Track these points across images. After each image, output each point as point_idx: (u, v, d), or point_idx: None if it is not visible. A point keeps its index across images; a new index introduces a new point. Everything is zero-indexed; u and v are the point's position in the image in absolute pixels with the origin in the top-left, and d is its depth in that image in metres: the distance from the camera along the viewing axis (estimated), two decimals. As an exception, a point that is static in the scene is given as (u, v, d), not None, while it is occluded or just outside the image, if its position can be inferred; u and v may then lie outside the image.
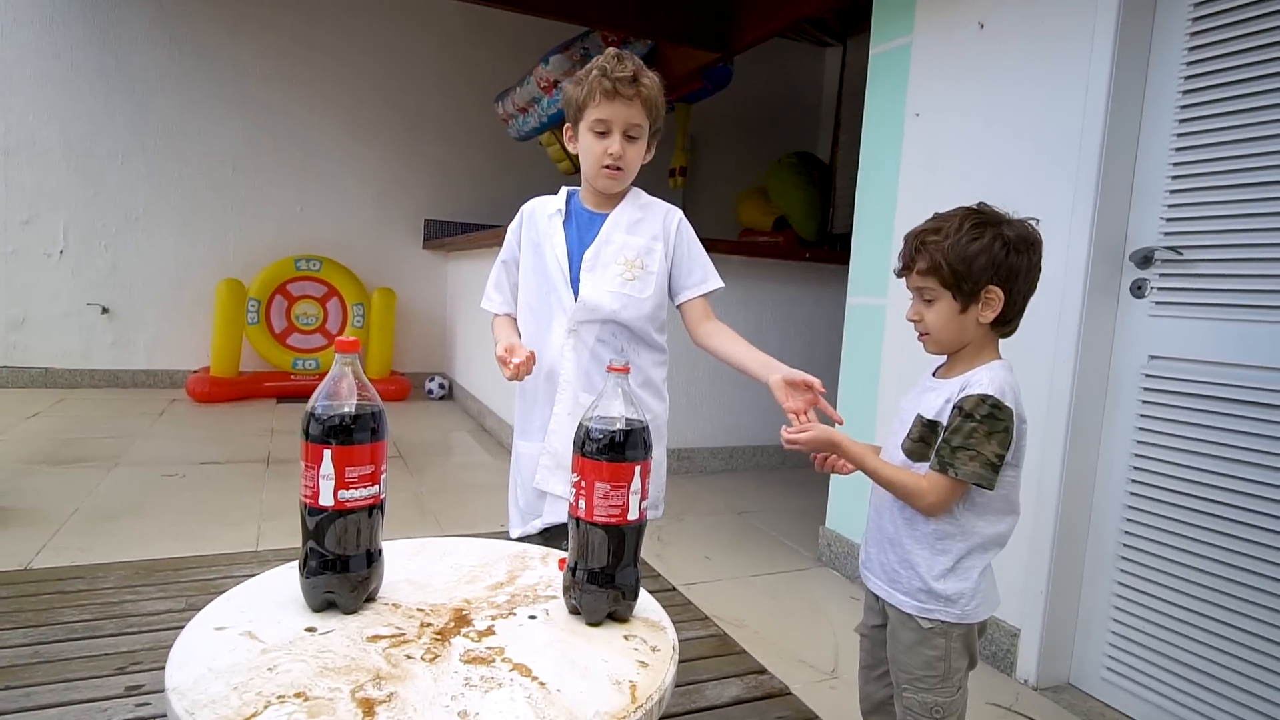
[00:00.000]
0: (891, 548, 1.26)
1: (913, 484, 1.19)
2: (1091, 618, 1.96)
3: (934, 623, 1.21)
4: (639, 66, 1.48)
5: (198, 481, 3.25)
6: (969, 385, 1.18)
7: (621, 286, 1.54)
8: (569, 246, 1.56)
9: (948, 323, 1.21)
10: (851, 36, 5.93)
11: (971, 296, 1.19)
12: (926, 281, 1.21)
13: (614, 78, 1.44)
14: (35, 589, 2.11)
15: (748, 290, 3.98)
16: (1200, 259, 1.75)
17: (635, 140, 1.51)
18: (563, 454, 1.55)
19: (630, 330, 1.57)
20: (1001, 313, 1.20)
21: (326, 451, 0.94)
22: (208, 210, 5.32)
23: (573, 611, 1.02)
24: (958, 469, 1.14)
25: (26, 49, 4.82)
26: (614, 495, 0.98)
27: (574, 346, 1.55)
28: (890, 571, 1.26)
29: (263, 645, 0.89)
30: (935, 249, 1.19)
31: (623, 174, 1.52)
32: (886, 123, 2.53)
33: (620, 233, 1.56)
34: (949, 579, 1.20)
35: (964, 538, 1.20)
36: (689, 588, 2.47)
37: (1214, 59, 1.72)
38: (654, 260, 1.57)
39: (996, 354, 1.25)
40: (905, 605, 1.24)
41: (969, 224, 1.18)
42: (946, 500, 1.18)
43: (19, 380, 4.93)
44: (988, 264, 1.17)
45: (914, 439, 1.23)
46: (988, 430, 1.14)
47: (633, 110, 1.47)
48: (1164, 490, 1.80)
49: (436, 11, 5.54)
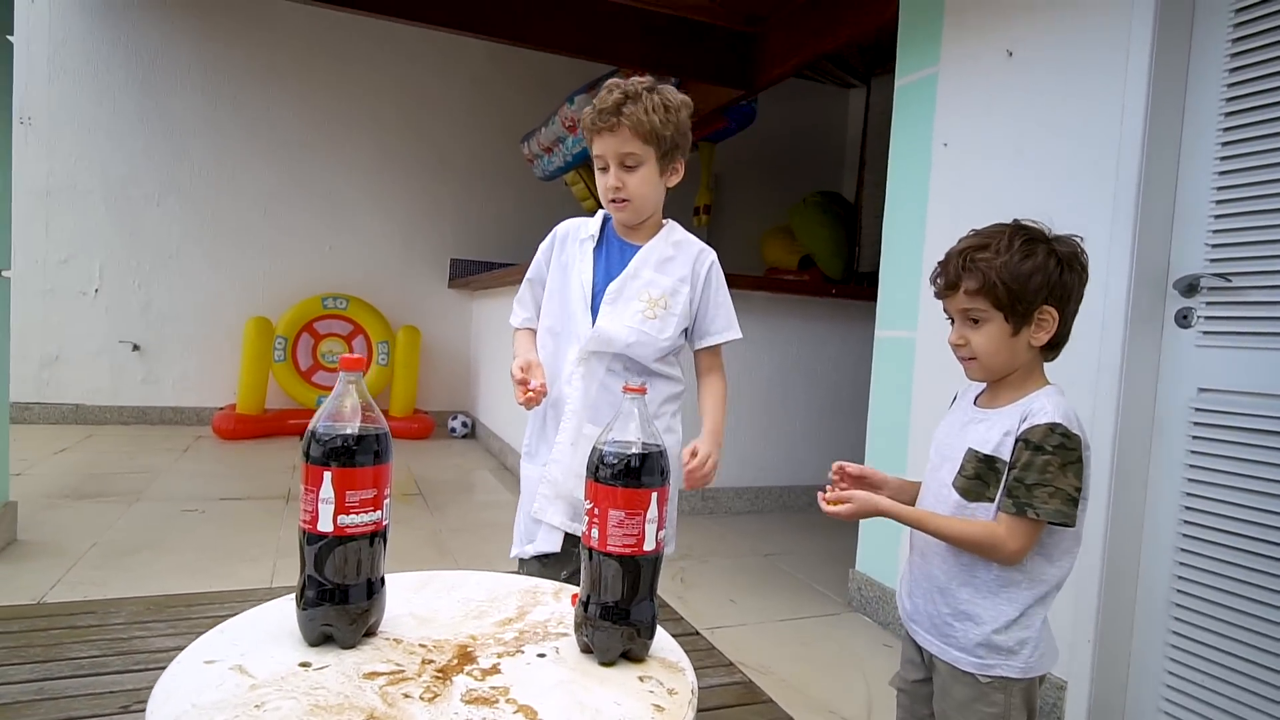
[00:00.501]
0: (942, 598, 1.15)
1: (986, 536, 1.07)
2: (1144, 669, 1.82)
3: (993, 678, 1.10)
4: (630, 93, 1.41)
5: (217, 517, 3.22)
6: (1031, 414, 1.09)
7: (641, 324, 1.48)
8: (595, 274, 1.52)
9: (999, 347, 1.12)
10: (875, 77, 5.94)
11: (1025, 318, 1.11)
12: (976, 302, 1.11)
13: (596, 110, 1.41)
14: (46, 624, 2.07)
15: (773, 328, 3.92)
16: (1250, 285, 1.67)
17: (634, 169, 1.43)
18: (561, 483, 1.51)
19: (643, 365, 1.52)
20: (1054, 335, 1.12)
21: (327, 474, 0.89)
22: (238, 250, 5.41)
23: (584, 650, 0.96)
24: (1038, 509, 1.04)
25: (72, 96, 4.99)
26: (629, 524, 0.92)
27: (583, 375, 1.50)
28: (940, 624, 1.15)
29: (252, 680, 0.83)
30: (987, 267, 1.10)
31: (630, 204, 1.46)
32: (914, 154, 2.49)
33: (649, 269, 1.51)
34: (1012, 630, 1.10)
35: (1030, 585, 1.10)
36: (712, 632, 2.37)
37: (1257, 79, 1.66)
38: (678, 303, 1.51)
39: (1045, 379, 1.16)
40: (961, 662, 1.12)
41: (1019, 240, 1.10)
42: (1028, 545, 1.07)
43: (50, 416, 5.00)
44: (1043, 283, 1.09)
45: (968, 476, 1.13)
46: (1062, 462, 1.05)
47: (620, 139, 1.41)
48: (1218, 531, 1.69)
49: (463, 53, 5.66)
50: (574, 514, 1.51)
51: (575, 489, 1.48)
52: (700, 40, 3.71)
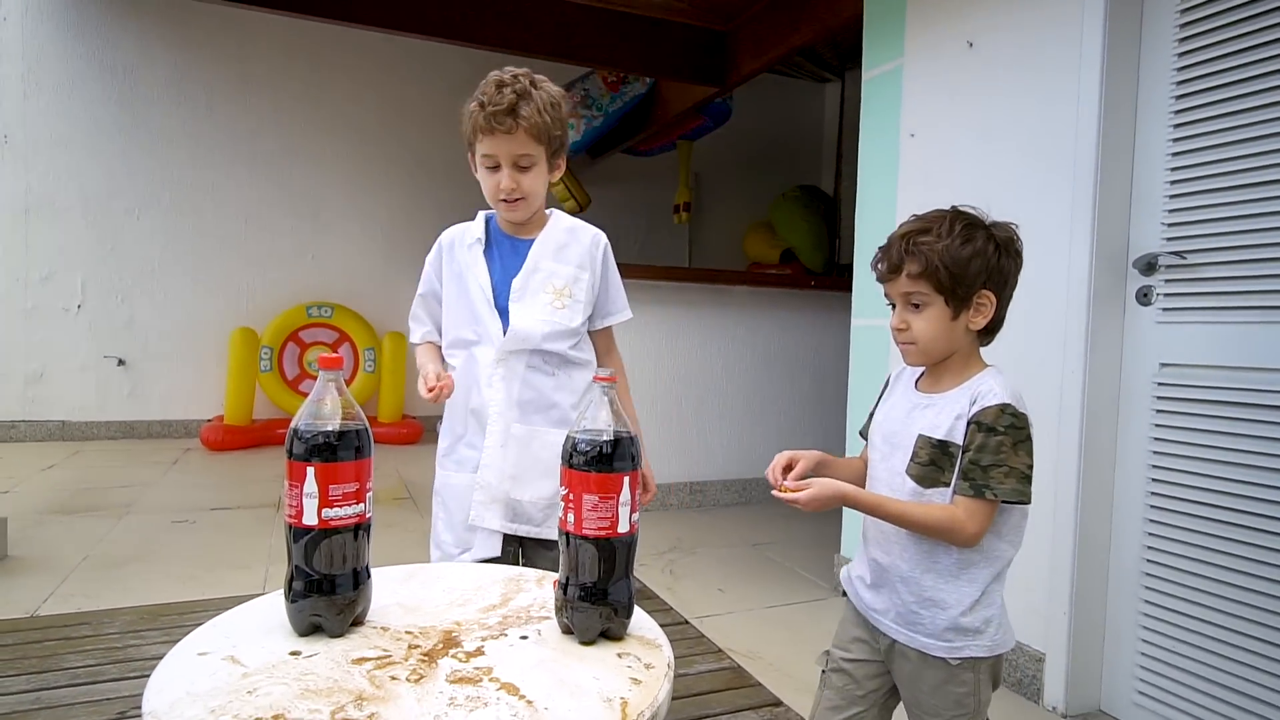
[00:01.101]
0: (906, 587, 1.16)
1: (947, 519, 1.08)
2: (1119, 638, 1.88)
3: (962, 659, 1.13)
4: (521, 91, 1.39)
5: (208, 527, 3.24)
6: (980, 396, 1.11)
7: (552, 315, 1.49)
8: (492, 275, 1.50)
9: (939, 331, 1.13)
10: (849, 70, 6.01)
11: (964, 302, 1.12)
12: (918, 286, 1.12)
13: (489, 112, 1.38)
14: (40, 635, 2.09)
15: (755, 320, 3.97)
16: (1205, 263, 1.73)
17: (528, 169, 1.43)
18: (496, 487, 1.49)
19: (559, 356, 1.51)
20: (991, 319, 1.15)
21: (310, 469, 0.92)
22: (221, 261, 5.41)
23: (565, 631, 0.99)
24: (995, 490, 1.06)
25: (48, 112, 4.97)
26: (603, 507, 0.95)
27: (504, 377, 1.48)
28: (907, 613, 1.16)
29: (244, 669, 0.86)
30: (929, 250, 1.11)
31: (524, 203, 1.47)
32: (882, 144, 2.54)
33: (548, 260, 1.51)
34: (977, 610, 1.12)
35: (987, 564, 1.13)
36: (702, 621, 2.41)
37: (1204, 62, 1.72)
38: (581, 289, 1.52)
39: (983, 362, 1.19)
40: (931, 648, 1.14)
41: (959, 225, 1.12)
42: (985, 526, 1.08)
43: (36, 434, 4.98)
44: (982, 267, 1.11)
45: (923, 463, 1.13)
46: (1014, 441, 1.08)
47: (515, 141, 1.40)
48: (1184, 501, 1.75)
49: (441, 60, 5.66)
50: (511, 515, 1.50)
51: (511, 490, 1.49)
52: (673, 39, 3.76)
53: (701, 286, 3.88)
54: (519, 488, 1.50)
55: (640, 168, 6.32)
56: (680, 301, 3.82)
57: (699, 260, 6.65)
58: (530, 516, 1.51)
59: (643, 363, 3.70)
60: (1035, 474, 1.11)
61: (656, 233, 6.60)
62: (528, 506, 1.51)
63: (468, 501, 1.51)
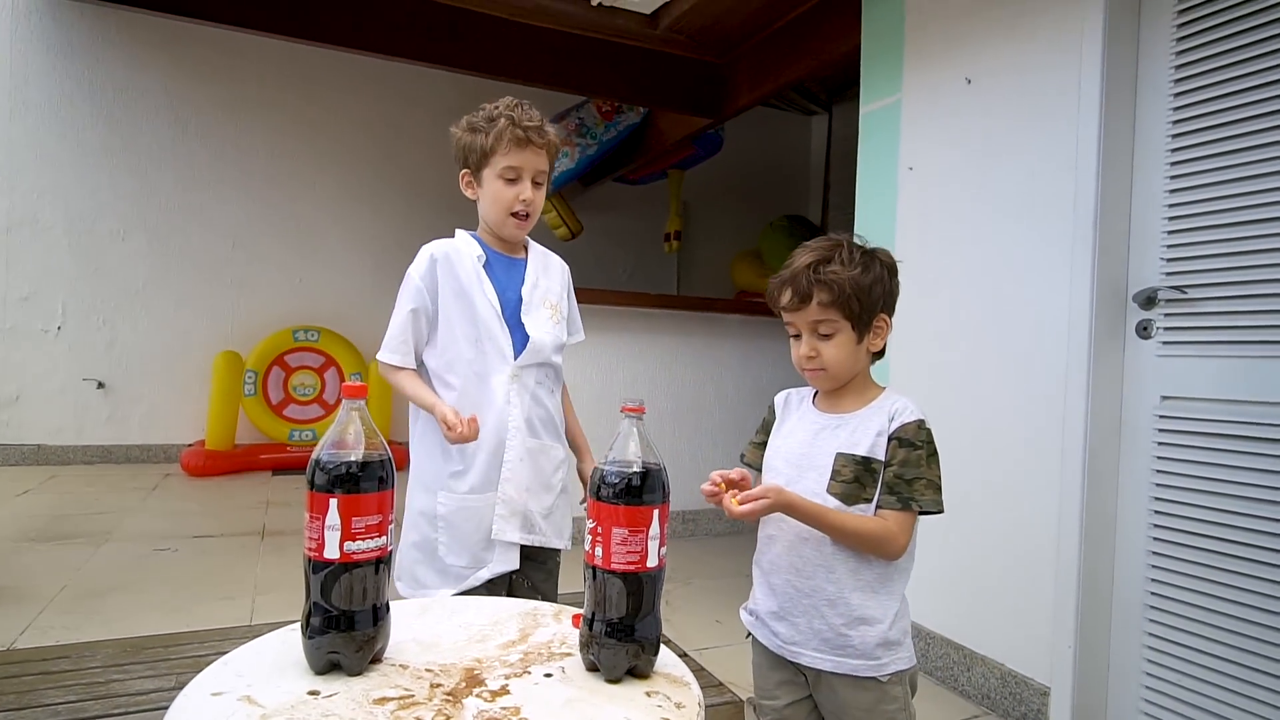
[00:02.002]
0: (831, 609, 1.15)
1: (882, 530, 1.11)
2: (1124, 671, 1.88)
3: (890, 675, 1.15)
4: (538, 116, 1.50)
5: (190, 556, 3.15)
6: (897, 413, 1.15)
7: (554, 328, 1.57)
8: (499, 291, 1.53)
9: (847, 355, 1.18)
10: (836, 104, 6.11)
11: (867, 327, 1.18)
12: (828, 314, 1.15)
13: (525, 126, 1.46)
14: (19, 670, 2.01)
15: (746, 349, 3.98)
16: (1205, 297, 1.75)
17: (540, 186, 1.51)
18: (517, 500, 1.53)
19: (555, 369, 1.60)
20: (885, 341, 1.21)
21: (332, 501, 0.90)
22: (207, 284, 5.34)
23: (590, 668, 0.97)
24: (919, 501, 1.11)
25: (35, 130, 4.92)
26: (632, 541, 0.94)
27: (518, 392, 1.52)
28: (833, 638, 1.15)
29: (262, 710, 0.83)
30: (836, 279, 1.14)
31: (529, 221, 1.54)
32: (880, 179, 2.57)
33: (544, 278, 1.60)
34: (899, 621, 1.16)
35: (900, 574, 1.17)
36: (700, 653, 2.38)
37: (1200, 103, 1.76)
38: (564, 306, 1.64)
39: (876, 383, 1.24)
40: (861, 669, 1.14)
41: (857, 254, 1.17)
42: (910, 537, 1.13)
43: (10, 458, 4.85)
44: (881, 293, 1.17)
45: (847, 480, 1.14)
46: (928, 454, 1.13)
47: (540, 158, 1.49)
48: (1188, 534, 1.75)
49: (432, 87, 5.67)
50: (526, 525, 1.55)
51: (528, 501, 1.54)
52: (670, 71, 3.80)
53: (695, 315, 3.89)
54: (533, 499, 1.56)
55: (631, 196, 6.36)
56: (674, 330, 3.82)
57: (687, 288, 6.68)
58: (537, 526, 1.57)
59: (635, 390, 3.69)
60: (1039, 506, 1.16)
61: (645, 260, 6.62)
62: (536, 517, 1.56)
63: (480, 520, 1.52)
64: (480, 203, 1.56)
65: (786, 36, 3.35)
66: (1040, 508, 1.98)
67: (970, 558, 2.19)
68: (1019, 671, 2.04)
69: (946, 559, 2.23)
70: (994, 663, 2.11)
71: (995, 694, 2.10)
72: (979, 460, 2.15)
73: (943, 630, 2.27)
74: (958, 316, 2.25)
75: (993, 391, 2.14)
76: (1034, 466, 2.01)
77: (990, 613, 2.14)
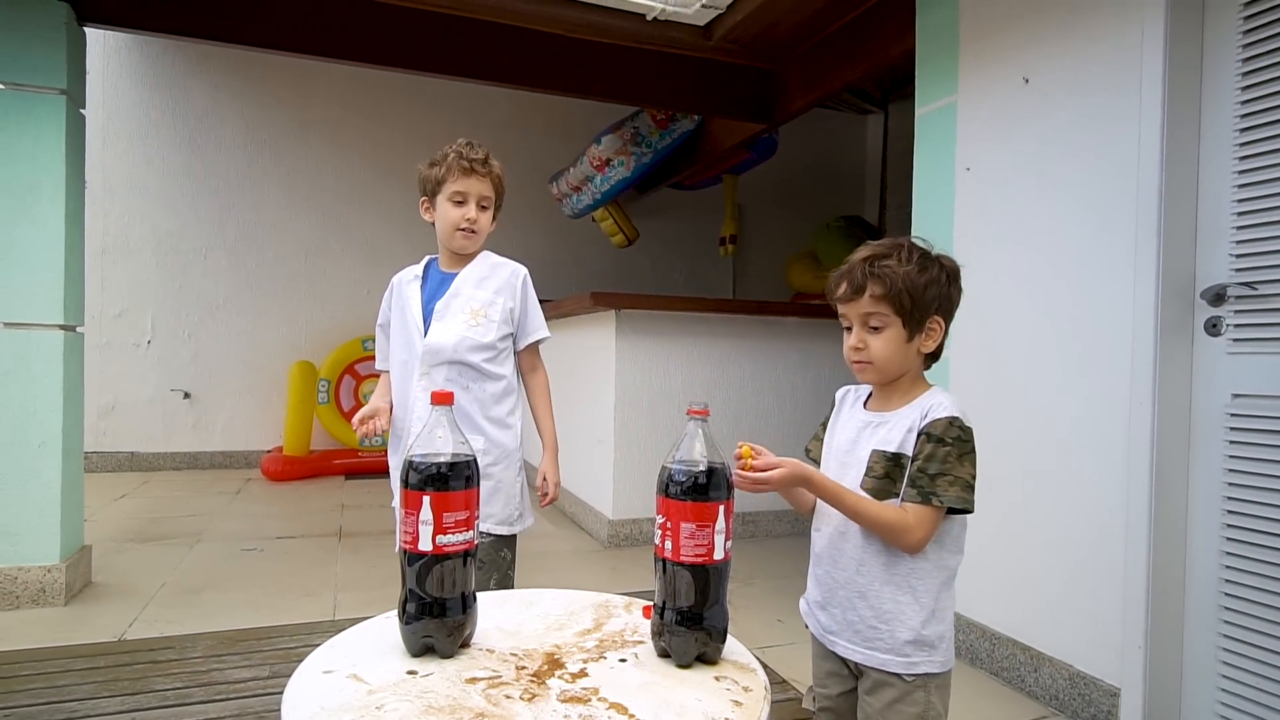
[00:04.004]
0: (863, 601, 1.17)
1: (898, 519, 1.11)
2: (1198, 672, 1.85)
3: (917, 676, 1.15)
4: (487, 151, 1.81)
5: (275, 556, 3.34)
6: (931, 410, 1.15)
7: (467, 330, 1.78)
8: (423, 303, 1.82)
9: (894, 352, 1.18)
10: (892, 102, 6.06)
11: (919, 326, 1.18)
12: (879, 307, 1.17)
13: (470, 159, 1.77)
14: (130, 659, 2.19)
15: (807, 352, 4.00)
16: (1276, 294, 1.72)
17: (485, 209, 1.82)
18: None
19: (473, 368, 1.78)
20: (938, 345, 1.21)
21: (425, 498, 0.99)
22: (282, 297, 5.62)
23: (662, 654, 1.03)
24: (941, 496, 1.10)
25: (124, 159, 5.27)
26: (699, 535, 1.00)
27: (425, 388, 1.75)
28: (864, 630, 1.18)
29: (368, 687, 0.92)
30: (891, 274, 1.16)
31: (476, 236, 1.81)
32: (937, 180, 2.57)
33: (469, 287, 1.82)
34: (933, 623, 1.15)
35: (936, 574, 1.16)
36: (764, 651, 2.42)
37: (1269, 95, 1.73)
38: (495, 311, 1.82)
39: (928, 384, 1.24)
40: (889, 664, 1.15)
41: (916, 254, 1.18)
42: (931, 533, 1.12)
43: (107, 464, 5.19)
44: (936, 294, 1.18)
45: (878, 476, 1.16)
46: (959, 453, 1.12)
47: (484, 185, 1.80)
48: (1262, 534, 1.72)
49: (488, 101, 5.87)
50: None
51: None
52: (723, 79, 3.85)
53: (751, 318, 3.92)
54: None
55: (686, 201, 6.43)
56: (730, 334, 3.87)
57: (743, 291, 6.70)
58: None
59: (694, 393, 3.74)
60: (1106, 505, 1.13)
61: (700, 264, 6.68)
62: None
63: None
64: (436, 224, 1.84)
65: (840, 40, 3.37)
66: (1108, 506, 1.96)
67: (1036, 557, 2.17)
68: (1088, 673, 2.02)
69: (1012, 559, 2.22)
70: (1062, 663, 2.10)
71: (1064, 695, 2.08)
72: (1043, 459, 2.13)
73: (1009, 631, 2.26)
74: (1019, 316, 2.24)
75: (1056, 390, 2.13)
76: (1100, 465, 1.99)
77: (1058, 613, 2.13)
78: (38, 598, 2.60)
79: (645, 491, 3.66)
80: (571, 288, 5.19)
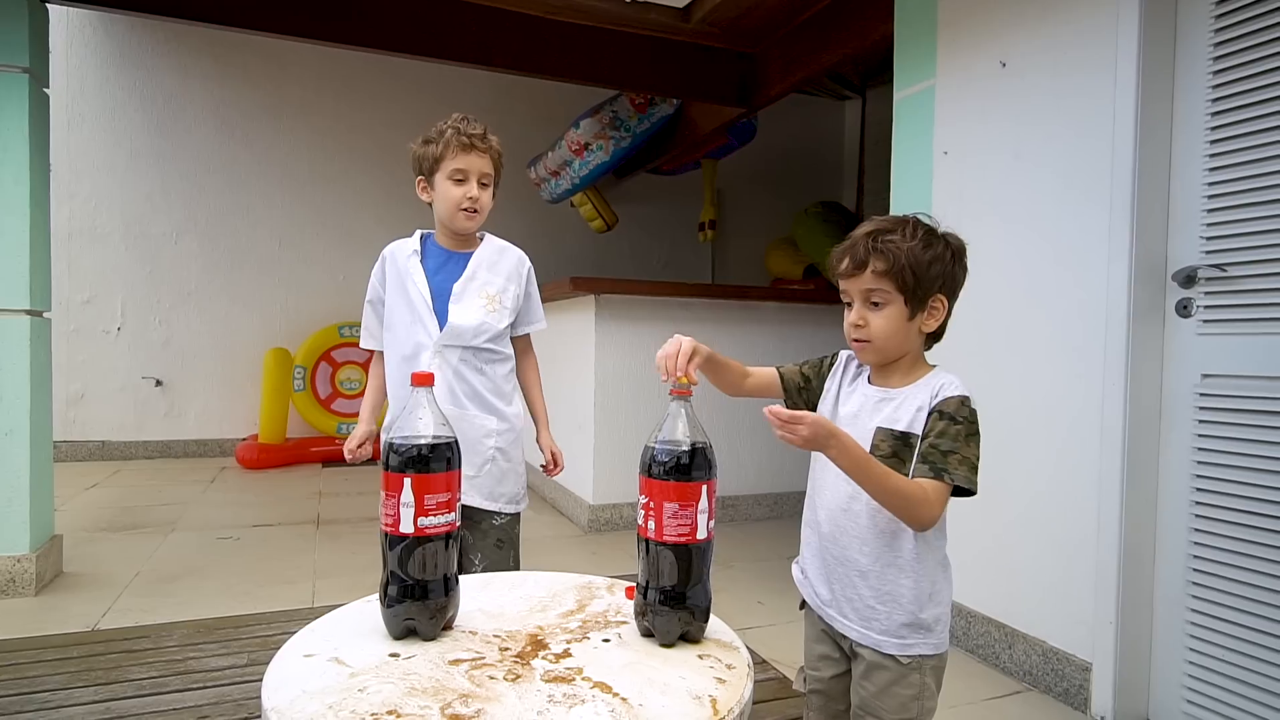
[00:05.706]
0: (863, 580, 1.16)
1: (919, 493, 1.05)
2: (1167, 647, 1.89)
3: (912, 658, 1.14)
4: (485, 126, 1.75)
5: (252, 544, 3.30)
6: (942, 388, 1.13)
7: (486, 316, 1.75)
8: (430, 282, 1.75)
9: (895, 330, 1.15)
10: (870, 88, 6.07)
11: (921, 304, 1.15)
12: (881, 284, 1.14)
13: (468, 134, 1.70)
14: (104, 648, 2.16)
15: (784, 337, 4.01)
16: (1246, 275, 1.75)
17: (486, 187, 1.74)
18: None
19: (488, 352, 1.76)
20: (940, 323, 1.19)
21: (406, 480, 0.98)
22: (255, 283, 5.53)
23: (645, 634, 1.04)
24: (952, 474, 1.07)
25: (91, 140, 5.14)
26: (682, 515, 1.00)
27: (439, 366, 1.71)
28: (863, 608, 1.17)
29: (350, 669, 0.91)
30: (895, 249, 1.12)
31: (479, 215, 1.73)
32: (915, 163, 2.59)
33: (484, 270, 1.78)
34: (930, 605, 1.14)
35: (932, 555, 1.15)
36: (744, 633, 2.42)
37: (1241, 79, 1.75)
38: (508, 297, 1.80)
39: (929, 364, 1.21)
40: (884, 645, 1.15)
41: (921, 230, 1.15)
42: (943, 509, 1.09)
43: (77, 454, 5.10)
44: (940, 272, 1.15)
45: (885, 454, 1.13)
46: (968, 433, 1.10)
47: (484, 161, 1.72)
48: (1230, 510, 1.76)
49: (468, 84, 5.78)
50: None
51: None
52: (702, 63, 3.83)
53: (730, 303, 3.93)
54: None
55: (665, 186, 6.41)
56: (710, 318, 3.87)
57: (722, 277, 6.71)
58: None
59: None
60: (1079, 484, 1.13)
61: (680, 250, 6.67)
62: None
63: None
64: (435, 204, 1.76)
65: (818, 25, 3.36)
66: (1081, 486, 2.00)
67: (1010, 536, 2.21)
68: (1060, 648, 2.07)
69: (986, 537, 2.26)
70: (1035, 640, 2.14)
71: (1037, 670, 2.12)
72: (1018, 439, 2.17)
73: (983, 608, 2.30)
74: (995, 298, 2.26)
75: (1032, 372, 2.16)
76: (1074, 445, 2.03)
77: (1031, 590, 2.17)
78: (7, 588, 2.55)
79: (625, 476, 3.67)
80: (551, 273, 5.15)
